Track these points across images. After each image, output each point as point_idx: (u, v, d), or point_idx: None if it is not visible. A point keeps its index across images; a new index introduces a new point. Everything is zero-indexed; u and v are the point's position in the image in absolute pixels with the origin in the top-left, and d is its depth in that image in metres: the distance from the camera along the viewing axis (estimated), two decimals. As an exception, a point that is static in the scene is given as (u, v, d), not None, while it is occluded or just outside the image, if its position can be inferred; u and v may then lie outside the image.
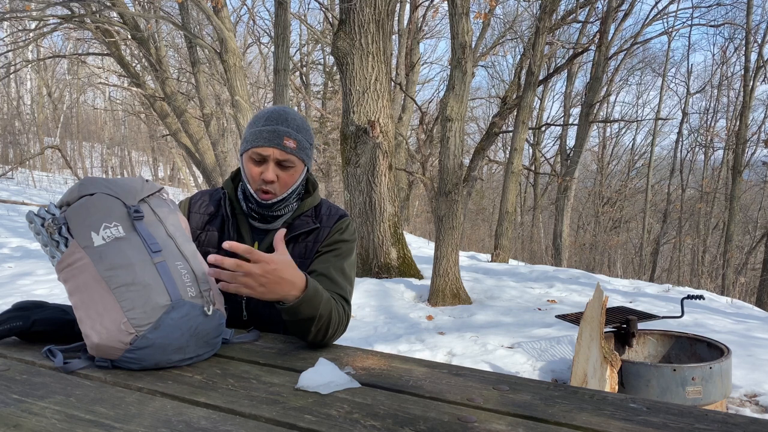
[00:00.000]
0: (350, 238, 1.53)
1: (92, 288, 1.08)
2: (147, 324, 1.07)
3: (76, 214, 1.12)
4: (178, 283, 1.12)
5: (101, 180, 1.19)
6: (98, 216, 1.11)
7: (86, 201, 1.13)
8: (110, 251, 1.09)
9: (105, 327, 1.06)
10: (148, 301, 1.07)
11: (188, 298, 1.12)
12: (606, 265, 19.86)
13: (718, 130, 19.01)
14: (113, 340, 1.06)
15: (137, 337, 1.06)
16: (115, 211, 1.14)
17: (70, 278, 1.10)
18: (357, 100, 6.37)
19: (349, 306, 1.44)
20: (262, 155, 1.42)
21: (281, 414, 0.89)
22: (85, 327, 1.08)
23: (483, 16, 11.13)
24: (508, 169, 10.17)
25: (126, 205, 1.15)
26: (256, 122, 1.46)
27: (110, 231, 1.11)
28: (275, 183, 1.43)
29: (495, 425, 0.86)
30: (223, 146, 11.51)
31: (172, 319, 1.08)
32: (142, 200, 1.20)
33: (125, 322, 1.06)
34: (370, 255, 6.48)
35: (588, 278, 7.19)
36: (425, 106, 17.87)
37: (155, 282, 1.09)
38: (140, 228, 1.14)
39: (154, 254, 1.12)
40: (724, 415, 0.90)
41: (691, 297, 3.84)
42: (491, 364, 3.96)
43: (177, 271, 1.13)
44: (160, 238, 1.16)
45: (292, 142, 1.43)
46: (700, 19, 23.56)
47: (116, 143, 24.76)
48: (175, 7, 12.23)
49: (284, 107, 1.51)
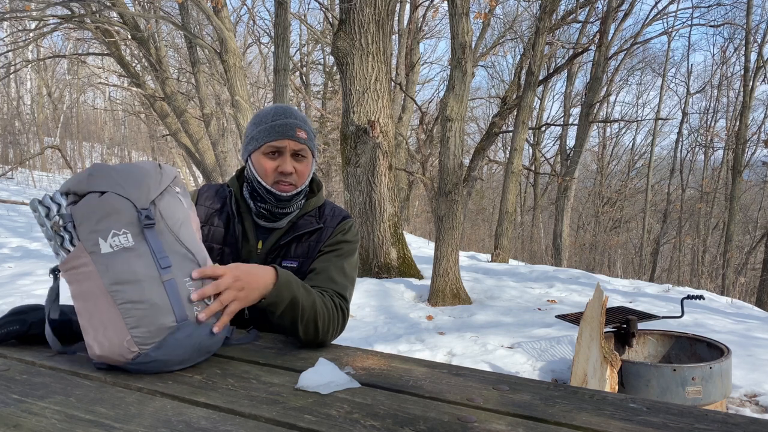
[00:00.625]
0: (352, 239, 1.54)
1: (97, 298, 1.05)
2: (151, 343, 1.05)
3: (83, 215, 1.06)
4: (185, 302, 1.09)
5: (113, 170, 1.12)
6: (107, 221, 1.06)
7: (95, 201, 1.07)
8: (117, 262, 1.05)
9: (108, 339, 1.04)
10: (153, 321, 1.05)
11: (194, 318, 1.10)
12: (606, 265, 19.87)
13: (718, 130, 19.02)
14: (115, 354, 1.04)
15: (140, 354, 1.04)
16: (125, 215, 1.07)
17: (74, 282, 1.07)
18: (357, 100, 6.37)
19: (346, 303, 1.43)
20: (278, 147, 1.43)
21: (281, 414, 0.89)
22: (88, 337, 1.06)
23: (483, 16, 11.13)
24: (508, 169, 10.17)
25: (137, 208, 1.09)
26: (264, 120, 1.47)
27: (119, 239, 1.06)
28: (294, 174, 1.45)
29: (495, 425, 0.86)
30: (223, 146, 11.52)
31: (176, 339, 1.06)
32: (156, 198, 1.13)
33: (129, 340, 1.03)
34: (370, 255, 6.48)
35: (588, 278, 7.20)
36: (425, 106, 17.87)
37: (162, 301, 1.06)
38: (150, 238, 1.08)
39: (163, 270, 1.07)
40: (724, 415, 0.90)
41: (691, 297, 3.84)
42: (491, 364, 3.96)
43: (185, 289, 1.09)
44: (170, 250, 1.10)
45: (303, 133, 1.46)
46: (700, 19, 23.62)
47: (116, 143, 24.77)
48: (175, 7, 12.23)
49: (284, 104, 1.52)
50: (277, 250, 1.48)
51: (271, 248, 1.48)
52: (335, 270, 1.45)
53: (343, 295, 1.43)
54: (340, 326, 1.37)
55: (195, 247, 1.17)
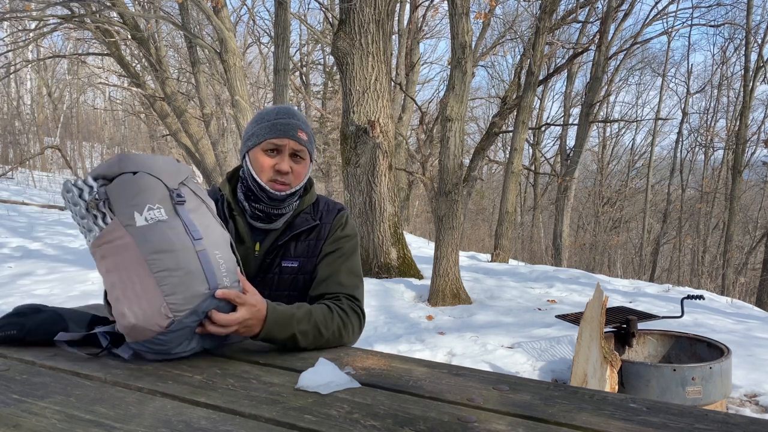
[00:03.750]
0: (351, 233, 1.55)
1: (132, 269, 1.08)
2: (185, 309, 1.09)
3: (118, 191, 1.11)
4: (217, 272, 1.14)
5: (140, 157, 1.18)
6: (142, 196, 1.11)
7: (129, 178, 1.12)
8: (154, 234, 1.09)
9: (142, 309, 1.07)
10: (189, 288, 1.09)
11: (224, 286, 1.15)
12: (606, 265, 19.86)
13: (718, 130, 19.02)
14: (150, 323, 1.08)
15: (173, 321, 1.08)
16: (158, 192, 1.13)
17: (109, 255, 1.10)
18: (357, 100, 6.37)
19: (359, 302, 1.46)
20: (278, 145, 1.43)
21: (281, 414, 0.89)
22: (122, 306, 1.09)
23: (483, 16, 11.13)
24: (508, 169, 10.17)
25: (168, 187, 1.15)
26: (266, 117, 1.47)
27: (153, 213, 1.11)
28: (290, 174, 1.45)
29: (495, 425, 0.86)
30: (223, 146, 11.52)
31: (207, 306, 1.12)
32: (181, 183, 1.19)
33: (165, 306, 1.08)
34: (370, 255, 6.48)
35: (588, 278, 7.19)
36: (425, 106, 17.86)
37: (197, 270, 1.11)
38: (182, 213, 1.14)
39: (196, 242, 1.13)
40: (724, 415, 0.90)
41: (691, 297, 3.84)
42: (491, 364, 3.96)
43: (216, 260, 1.15)
44: (200, 225, 1.16)
45: (304, 135, 1.47)
46: (700, 19, 23.57)
47: (116, 143, 24.74)
48: (175, 7, 12.23)
49: (287, 105, 1.52)
50: (276, 250, 1.48)
51: (269, 249, 1.48)
52: (342, 273, 1.47)
53: (354, 296, 1.45)
54: (356, 328, 1.40)
55: (219, 225, 1.23)
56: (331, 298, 1.43)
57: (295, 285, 1.47)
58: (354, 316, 1.39)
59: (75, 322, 1.23)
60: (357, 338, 1.41)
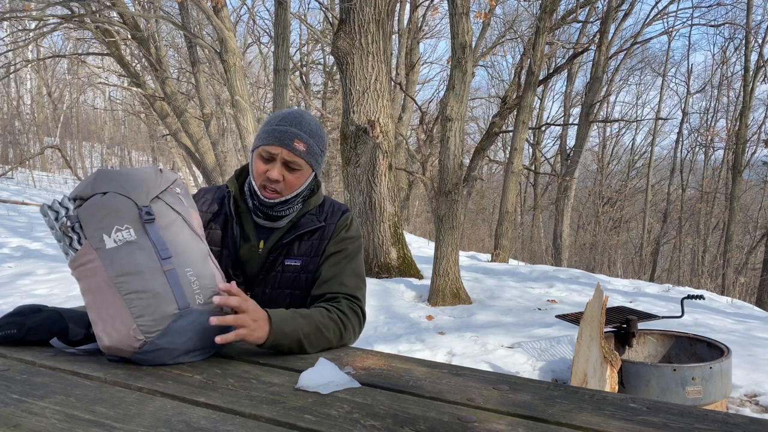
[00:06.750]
0: (355, 235, 1.55)
1: (104, 291, 1.10)
2: (155, 331, 1.10)
3: (88, 214, 1.13)
4: (187, 291, 1.14)
5: (115, 174, 1.19)
6: (110, 218, 1.13)
7: (99, 201, 1.14)
8: (121, 256, 1.11)
9: (116, 330, 1.09)
10: (157, 310, 1.10)
11: (197, 305, 1.15)
12: (606, 265, 19.85)
13: (718, 130, 19.01)
14: (123, 344, 1.10)
15: (146, 342, 1.09)
16: (127, 212, 1.14)
17: (83, 278, 1.13)
18: (357, 100, 6.36)
19: (360, 303, 1.46)
20: (271, 153, 1.43)
21: (281, 414, 0.89)
22: (98, 329, 1.11)
23: (483, 16, 11.13)
24: (508, 169, 10.17)
25: (138, 206, 1.16)
26: (271, 121, 1.47)
27: (122, 234, 1.12)
28: (280, 183, 1.44)
29: (495, 425, 0.86)
30: (223, 146, 11.51)
31: (179, 326, 1.11)
32: (156, 197, 1.19)
33: (134, 329, 1.09)
34: (370, 255, 6.48)
35: (588, 278, 7.19)
36: (425, 106, 17.85)
37: (164, 290, 1.12)
38: (151, 231, 1.15)
39: (164, 261, 1.14)
40: (724, 415, 0.90)
41: (691, 297, 3.84)
42: (491, 364, 3.96)
43: (186, 278, 1.15)
44: (170, 243, 1.16)
45: (302, 145, 1.44)
46: (700, 19, 23.49)
47: (116, 143, 24.75)
48: (175, 7, 12.24)
49: (302, 111, 1.52)
50: (279, 248, 1.48)
51: (272, 247, 1.48)
52: (345, 274, 1.48)
53: (355, 296, 1.46)
54: (356, 328, 1.41)
55: (193, 239, 1.23)
56: (332, 298, 1.44)
57: (297, 283, 1.48)
58: (353, 316, 1.40)
59: (75, 322, 1.23)
60: (357, 338, 1.42)
